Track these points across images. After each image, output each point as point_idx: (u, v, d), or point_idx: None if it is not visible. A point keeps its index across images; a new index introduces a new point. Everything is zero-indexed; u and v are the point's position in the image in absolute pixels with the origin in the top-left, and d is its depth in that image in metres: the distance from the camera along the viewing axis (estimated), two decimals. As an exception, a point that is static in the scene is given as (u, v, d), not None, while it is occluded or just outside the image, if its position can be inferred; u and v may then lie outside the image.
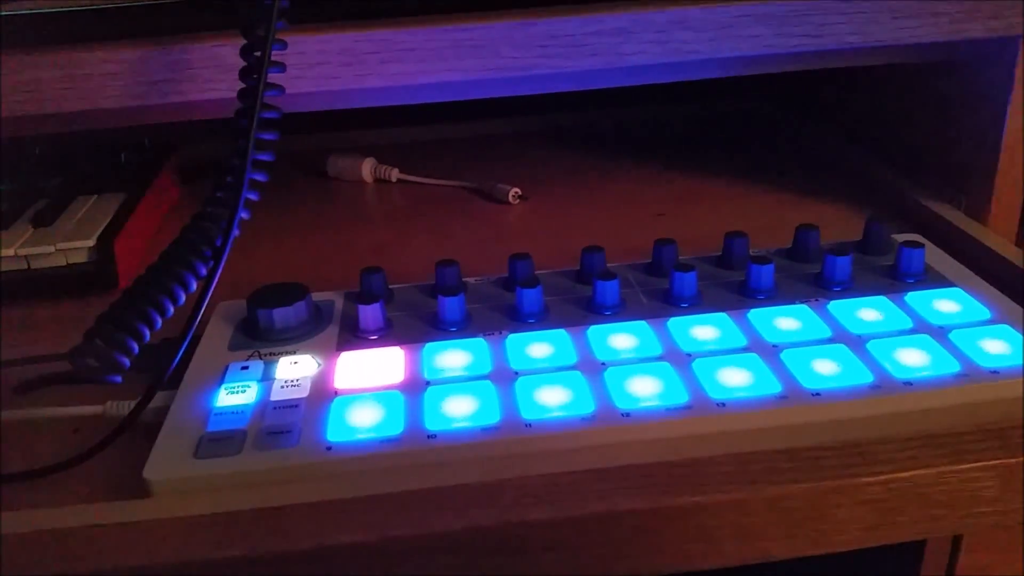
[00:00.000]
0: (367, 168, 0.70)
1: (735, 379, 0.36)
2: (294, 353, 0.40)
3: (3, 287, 0.50)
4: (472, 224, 0.61)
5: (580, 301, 0.43)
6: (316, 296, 0.44)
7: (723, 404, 0.35)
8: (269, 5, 0.37)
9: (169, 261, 0.36)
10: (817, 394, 0.35)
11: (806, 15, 0.45)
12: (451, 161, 0.73)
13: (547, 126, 0.81)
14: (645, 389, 0.36)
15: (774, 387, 0.36)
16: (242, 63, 0.38)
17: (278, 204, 0.65)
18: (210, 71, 0.42)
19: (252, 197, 0.38)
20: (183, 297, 0.36)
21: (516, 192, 0.63)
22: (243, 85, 0.38)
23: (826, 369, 0.36)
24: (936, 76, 0.56)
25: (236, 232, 0.37)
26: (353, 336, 0.42)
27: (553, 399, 0.36)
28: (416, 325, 0.42)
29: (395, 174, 0.69)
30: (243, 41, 0.38)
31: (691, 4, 0.44)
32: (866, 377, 0.36)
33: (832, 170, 0.66)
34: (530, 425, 0.34)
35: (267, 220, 0.62)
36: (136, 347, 0.35)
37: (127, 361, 0.35)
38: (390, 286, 0.46)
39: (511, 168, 0.70)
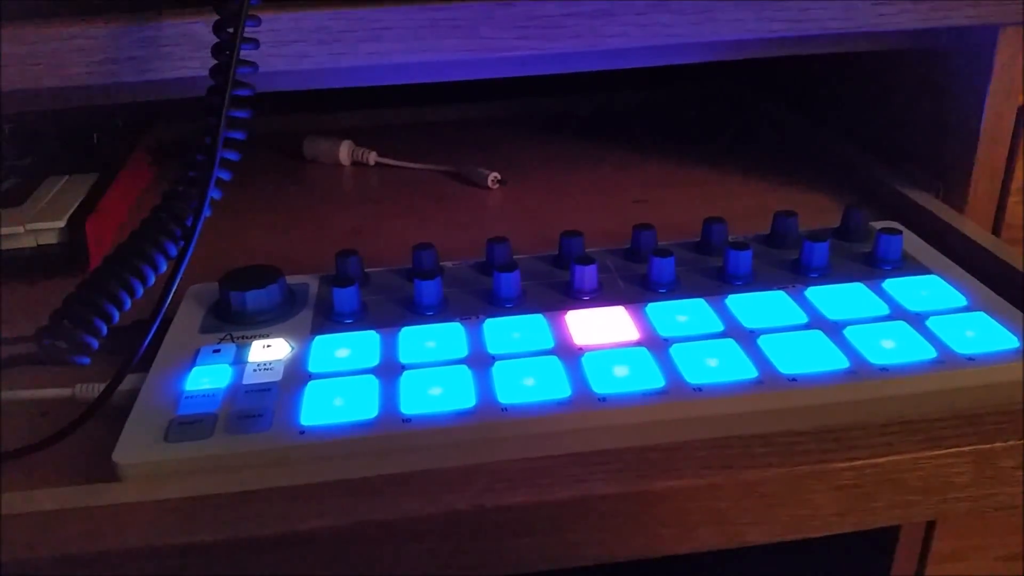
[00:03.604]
0: (344, 151, 0.69)
1: (712, 364, 0.36)
2: (267, 336, 0.40)
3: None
4: (450, 208, 0.60)
5: (558, 286, 0.43)
6: (291, 279, 0.44)
7: (699, 389, 0.35)
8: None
9: (138, 241, 0.35)
10: (793, 379, 0.35)
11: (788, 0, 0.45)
12: (430, 145, 0.72)
13: (527, 110, 0.80)
14: (622, 373, 0.36)
15: (750, 372, 0.35)
16: (215, 40, 0.38)
17: (254, 186, 0.64)
18: (184, 48, 0.41)
19: (224, 176, 0.37)
20: (153, 278, 0.36)
21: (495, 176, 0.63)
22: (215, 62, 0.38)
23: (803, 355, 0.36)
24: (916, 64, 0.56)
25: (207, 212, 0.36)
26: (328, 320, 0.41)
27: (529, 384, 0.36)
28: (392, 309, 0.42)
29: (373, 157, 0.68)
30: (217, 17, 0.38)
31: (672, -13, 0.43)
32: (842, 363, 0.36)
33: (811, 157, 0.66)
34: (506, 409, 0.34)
35: (242, 202, 0.61)
36: (104, 328, 0.34)
37: (95, 342, 0.34)
38: (366, 270, 0.45)
39: (490, 152, 0.70)
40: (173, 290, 0.36)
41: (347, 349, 0.39)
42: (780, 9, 0.45)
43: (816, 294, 0.41)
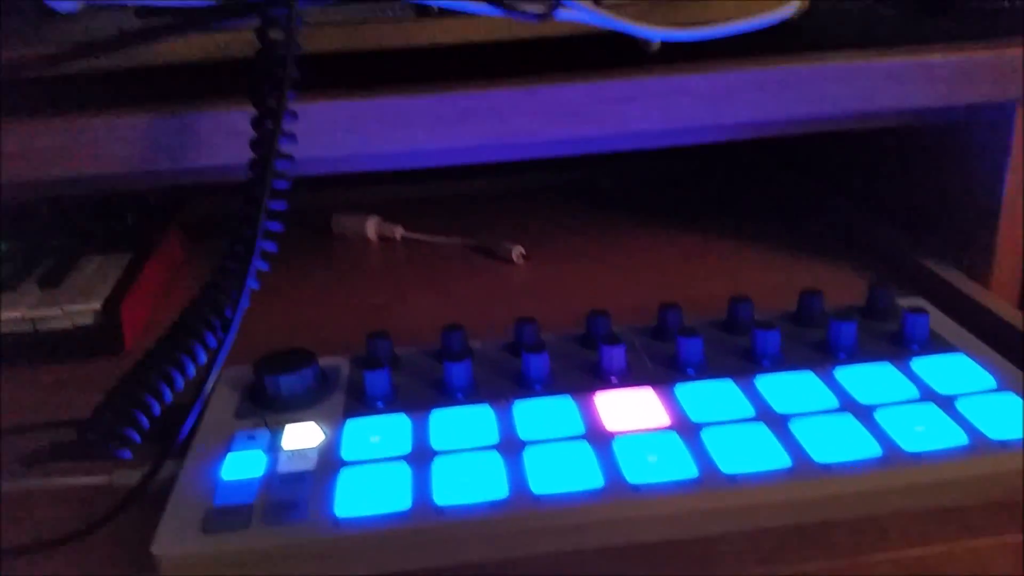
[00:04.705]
0: (371, 226, 0.70)
1: (744, 451, 0.36)
2: (301, 420, 0.40)
3: (9, 350, 0.50)
4: (476, 283, 0.61)
5: (586, 366, 0.44)
6: (323, 361, 0.44)
7: (733, 479, 0.35)
8: (279, 75, 0.38)
9: (179, 332, 0.36)
10: (827, 468, 0.35)
11: (805, 81, 0.45)
12: (455, 218, 0.73)
13: (550, 183, 0.81)
14: (654, 461, 0.36)
15: (784, 460, 0.35)
16: (251, 129, 0.39)
17: (283, 263, 0.65)
18: (220, 137, 0.43)
19: (262, 266, 0.38)
20: (193, 369, 0.36)
21: (520, 251, 0.64)
22: (253, 155, 0.39)
23: (835, 441, 0.36)
24: (935, 138, 0.56)
25: (246, 303, 0.37)
26: (360, 403, 0.42)
27: (561, 471, 0.36)
28: (422, 391, 0.42)
29: (399, 232, 0.70)
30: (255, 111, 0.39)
31: (693, 72, 0.44)
32: (875, 450, 0.36)
33: (834, 229, 0.66)
34: (539, 500, 0.34)
35: (272, 279, 0.61)
36: (146, 422, 0.35)
37: (137, 436, 0.35)
38: (396, 350, 0.46)
39: (513, 225, 0.71)
40: (211, 383, 0.36)
41: (379, 435, 0.39)
42: (800, 91, 0.46)
43: (845, 375, 0.41)
